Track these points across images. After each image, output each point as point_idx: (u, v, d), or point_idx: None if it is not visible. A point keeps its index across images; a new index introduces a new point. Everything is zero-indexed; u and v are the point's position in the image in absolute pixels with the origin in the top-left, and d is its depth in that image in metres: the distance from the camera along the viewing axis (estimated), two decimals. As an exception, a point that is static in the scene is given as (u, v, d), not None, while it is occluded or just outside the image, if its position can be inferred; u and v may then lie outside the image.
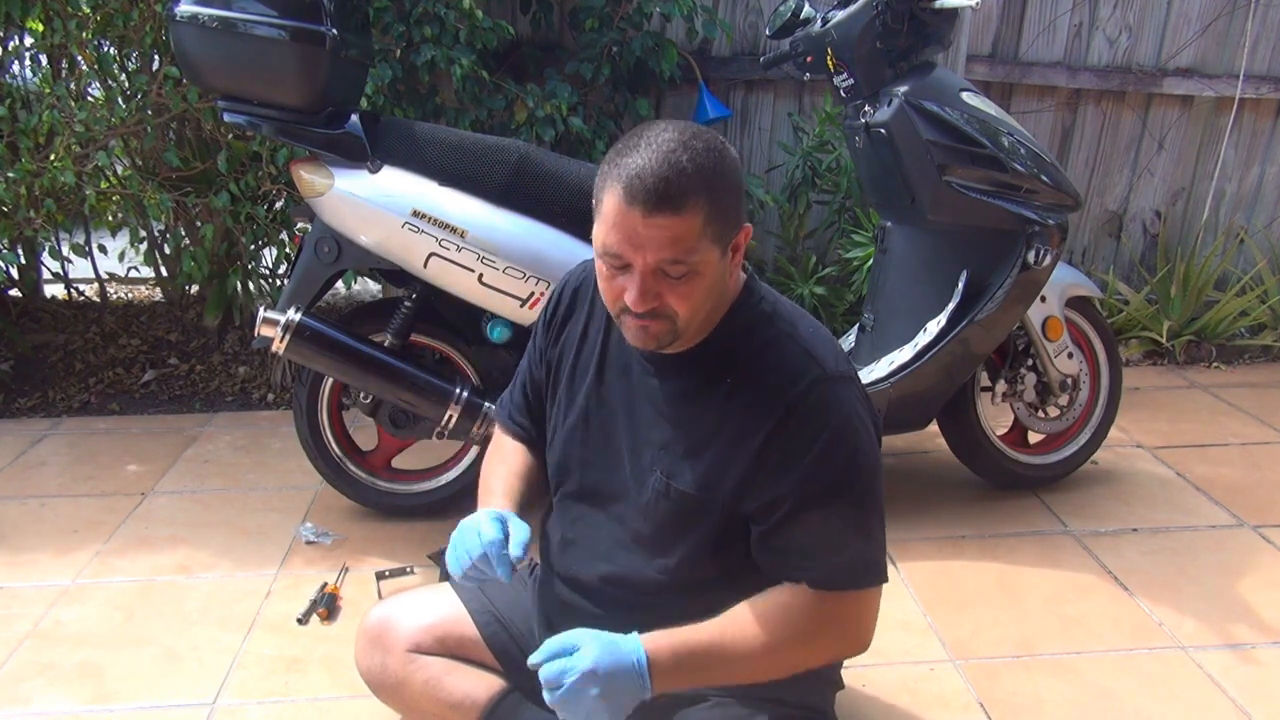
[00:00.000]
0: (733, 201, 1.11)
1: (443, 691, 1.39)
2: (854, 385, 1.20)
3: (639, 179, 1.05)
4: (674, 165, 1.05)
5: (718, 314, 1.20)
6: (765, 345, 1.19)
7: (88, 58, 2.85)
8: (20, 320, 3.33)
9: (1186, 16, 3.47)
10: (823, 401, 1.15)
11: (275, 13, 1.87)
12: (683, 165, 1.05)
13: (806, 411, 1.15)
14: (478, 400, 2.11)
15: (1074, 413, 2.48)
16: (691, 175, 1.06)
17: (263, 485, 2.55)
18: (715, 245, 1.10)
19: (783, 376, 1.16)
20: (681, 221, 1.06)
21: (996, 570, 2.18)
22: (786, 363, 1.17)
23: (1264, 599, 2.07)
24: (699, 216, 1.06)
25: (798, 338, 1.19)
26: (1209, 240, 3.72)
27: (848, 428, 1.16)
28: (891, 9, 2.12)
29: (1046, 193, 2.22)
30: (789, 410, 1.15)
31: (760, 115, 3.45)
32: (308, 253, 2.10)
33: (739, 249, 1.16)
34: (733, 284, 1.21)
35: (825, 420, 1.15)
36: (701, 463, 1.20)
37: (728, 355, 1.20)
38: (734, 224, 1.13)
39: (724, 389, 1.19)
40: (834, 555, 1.18)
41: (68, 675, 1.81)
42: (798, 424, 1.15)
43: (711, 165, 1.07)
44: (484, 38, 2.75)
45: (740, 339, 1.20)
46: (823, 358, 1.18)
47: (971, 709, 1.74)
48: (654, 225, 1.06)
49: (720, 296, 1.18)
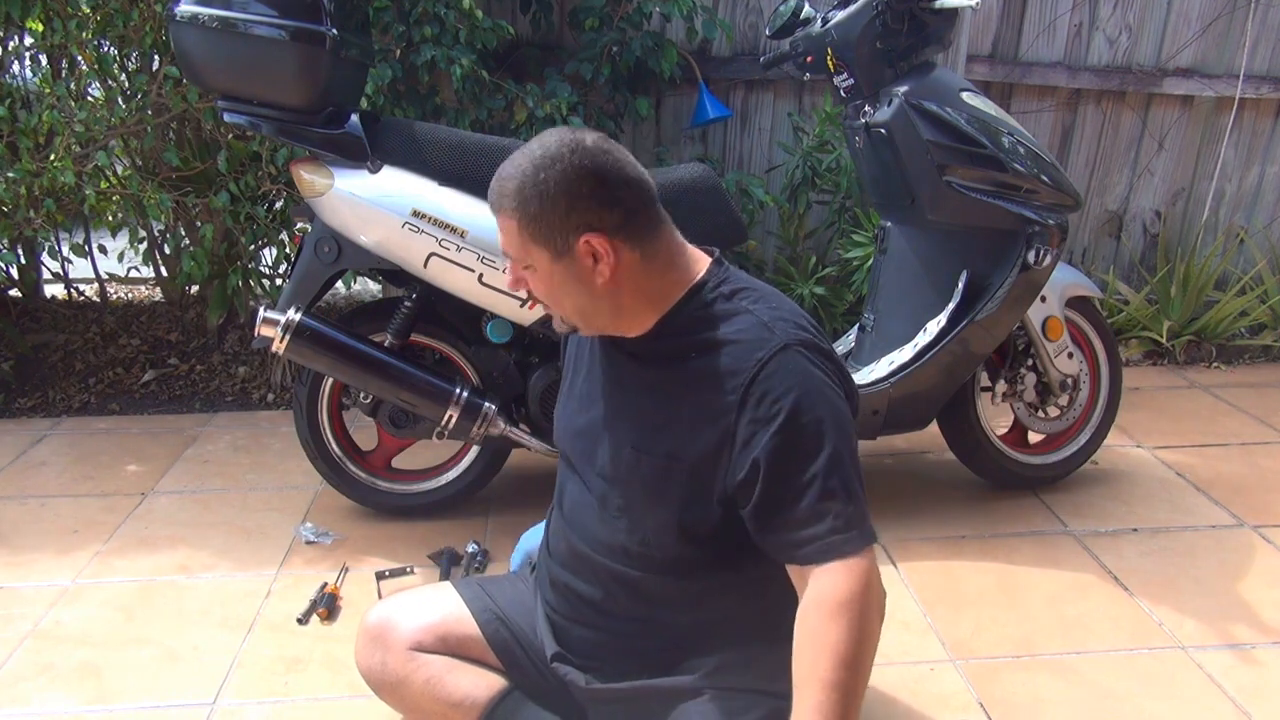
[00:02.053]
0: (545, 213, 1.17)
1: (444, 690, 1.39)
2: (815, 351, 1.21)
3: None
4: (501, 175, 1.20)
5: (662, 301, 1.25)
6: (723, 320, 1.23)
7: (88, 58, 2.85)
8: (20, 320, 3.33)
9: (1186, 16, 3.47)
10: (783, 369, 1.17)
11: (275, 13, 1.87)
12: (505, 175, 1.19)
13: (767, 380, 1.17)
14: (478, 400, 2.11)
15: (1074, 413, 2.48)
16: (506, 183, 1.19)
17: (263, 485, 2.55)
18: (537, 245, 1.19)
19: (742, 349, 1.20)
20: (504, 220, 1.20)
21: (996, 570, 2.18)
22: (745, 335, 1.21)
23: (1264, 599, 2.07)
24: (513, 221, 1.19)
25: (755, 312, 1.23)
26: (1209, 240, 3.72)
27: (811, 392, 1.17)
28: (891, 9, 2.12)
29: (1046, 193, 2.22)
30: (751, 382, 1.17)
31: (760, 115, 3.45)
32: (308, 253, 2.10)
33: (601, 257, 1.19)
34: (679, 274, 1.25)
35: (788, 387, 1.17)
36: (668, 434, 1.24)
37: (687, 334, 1.24)
38: (559, 229, 1.18)
39: (688, 366, 1.23)
40: (822, 521, 1.16)
41: (68, 675, 1.81)
42: (759, 395, 1.17)
43: (527, 178, 1.17)
44: (484, 38, 2.75)
45: (698, 320, 1.24)
46: (780, 327, 1.21)
47: (971, 709, 1.74)
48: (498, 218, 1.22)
49: (606, 293, 1.22)
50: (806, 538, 1.16)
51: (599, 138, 1.20)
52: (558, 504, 1.45)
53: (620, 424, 1.30)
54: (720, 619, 1.31)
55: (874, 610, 1.19)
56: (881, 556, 2.17)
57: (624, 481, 1.29)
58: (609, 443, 1.31)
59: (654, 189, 1.23)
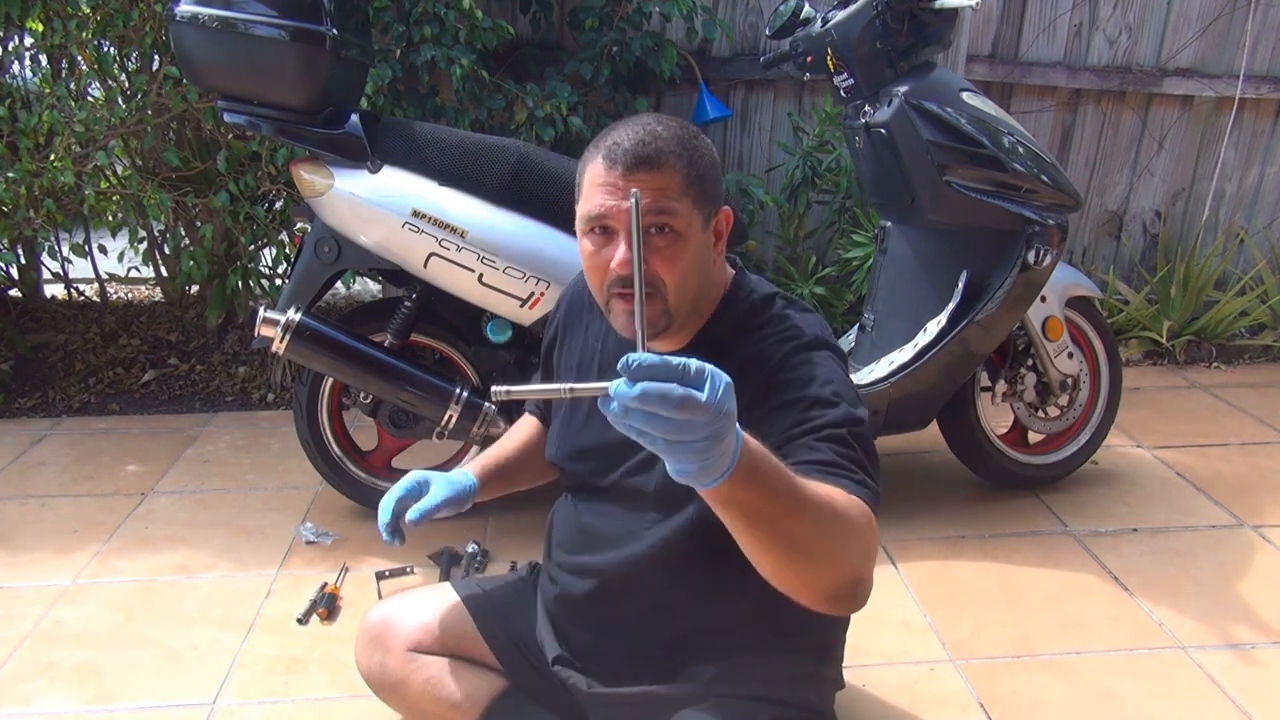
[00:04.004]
0: (709, 172, 1.15)
1: (443, 691, 1.39)
2: (835, 355, 1.21)
3: (617, 145, 1.12)
4: (650, 132, 1.12)
5: (707, 307, 1.22)
6: (757, 330, 1.21)
7: (88, 58, 2.85)
8: (20, 320, 3.33)
9: (1186, 16, 3.47)
10: (810, 360, 1.16)
11: (275, 12, 1.87)
12: (658, 133, 1.12)
13: (806, 351, 1.17)
14: (478, 400, 2.11)
15: (1074, 413, 2.48)
16: (667, 140, 1.12)
17: (263, 485, 2.55)
18: (696, 210, 1.13)
19: (768, 352, 1.18)
20: (661, 175, 1.10)
21: (996, 570, 2.18)
22: (783, 331, 1.20)
23: (1264, 599, 2.07)
24: (678, 175, 1.11)
25: (790, 315, 1.22)
26: (1209, 240, 3.72)
27: (831, 378, 1.15)
28: (891, 9, 2.12)
29: (1046, 193, 2.22)
30: (775, 371, 1.16)
31: (760, 115, 3.45)
32: (308, 253, 2.11)
33: (721, 235, 1.19)
34: (720, 277, 1.24)
35: (823, 363, 1.16)
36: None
37: (720, 350, 1.18)
38: (713, 197, 1.17)
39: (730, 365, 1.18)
40: (856, 469, 1.10)
41: (68, 675, 1.81)
42: (800, 361, 1.16)
43: (687, 137, 1.14)
44: (484, 38, 2.75)
45: (733, 332, 1.22)
46: (805, 330, 1.20)
47: (971, 709, 1.74)
48: (635, 180, 1.09)
49: (705, 282, 1.19)
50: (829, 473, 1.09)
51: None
52: (569, 514, 1.42)
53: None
54: (725, 625, 1.31)
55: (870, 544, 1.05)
56: (881, 556, 2.17)
57: (640, 491, 1.27)
58: (625, 455, 1.28)
59: None
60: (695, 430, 0.77)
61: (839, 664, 1.43)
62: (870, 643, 1.89)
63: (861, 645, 1.83)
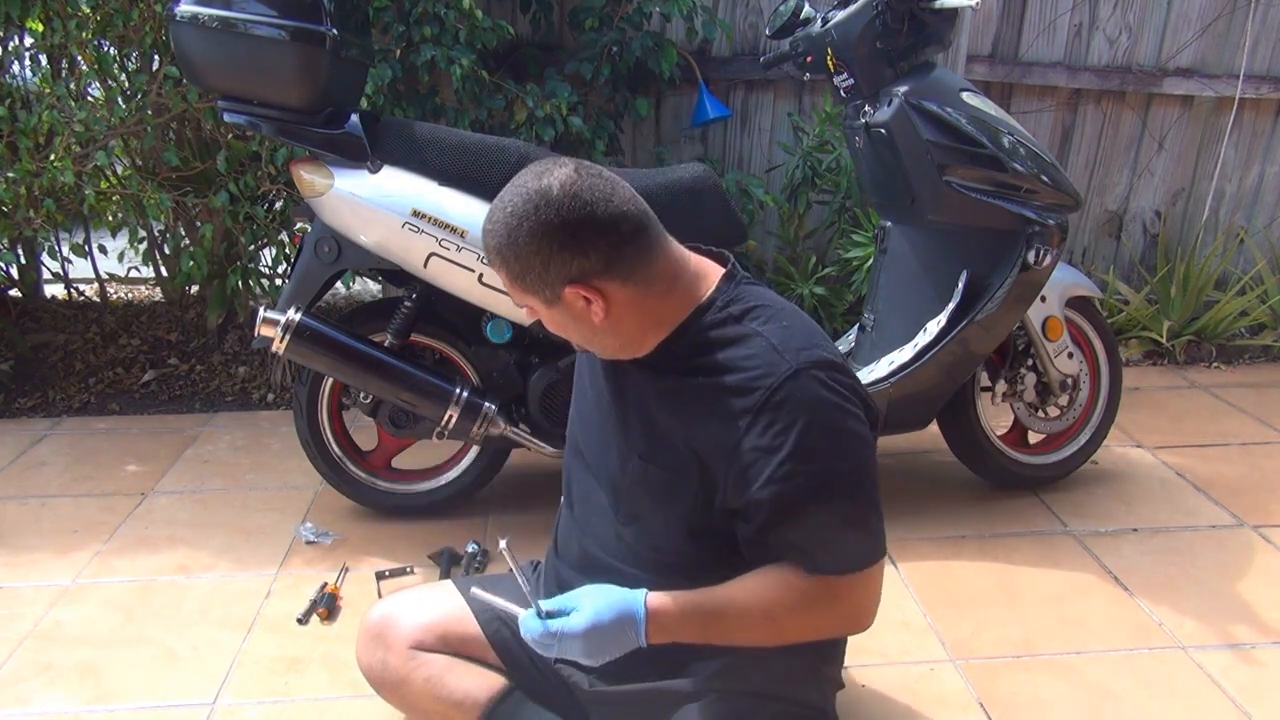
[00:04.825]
0: (528, 270, 1.16)
1: (444, 689, 1.39)
2: (827, 369, 1.17)
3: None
4: (484, 228, 1.18)
5: (668, 325, 1.22)
6: (730, 344, 1.19)
7: (88, 58, 2.85)
8: (20, 320, 3.33)
9: (1186, 16, 3.47)
10: (791, 399, 1.14)
11: (275, 13, 1.87)
12: (487, 230, 1.17)
13: (777, 408, 1.14)
14: (478, 400, 2.11)
15: (1074, 413, 2.48)
16: (489, 239, 1.17)
17: (263, 485, 2.55)
18: (530, 296, 1.19)
19: (750, 375, 1.16)
20: (501, 271, 1.19)
21: (996, 570, 2.18)
22: (753, 361, 1.17)
23: (1264, 599, 2.07)
24: (504, 273, 1.18)
25: (765, 334, 1.18)
26: (1209, 240, 3.72)
27: (823, 419, 1.15)
28: (891, 9, 2.12)
29: (1046, 193, 2.21)
30: (760, 409, 1.14)
31: (760, 115, 3.45)
32: (308, 253, 2.10)
33: (587, 299, 1.16)
34: (678, 298, 1.21)
35: (797, 414, 1.14)
36: (675, 448, 1.23)
37: (694, 354, 1.21)
38: (541, 284, 1.17)
39: (697, 383, 1.20)
40: (826, 548, 1.19)
41: (68, 675, 1.81)
42: (769, 421, 1.14)
43: (504, 236, 1.15)
44: (484, 38, 2.75)
45: (702, 344, 1.21)
46: (791, 351, 1.16)
47: (971, 709, 1.74)
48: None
49: (627, 323, 1.20)
50: (808, 557, 1.21)
51: (568, 178, 1.13)
52: (567, 506, 1.45)
53: (629, 433, 1.29)
54: None
55: (838, 626, 1.29)
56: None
57: (632, 490, 1.29)
58: (617, 451, 1.30)
59: (640, 215, 1.16)
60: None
61: (840, 663, 1.44)
62: (870, 642, 1.89)
63: (861, 645, 1.84)
